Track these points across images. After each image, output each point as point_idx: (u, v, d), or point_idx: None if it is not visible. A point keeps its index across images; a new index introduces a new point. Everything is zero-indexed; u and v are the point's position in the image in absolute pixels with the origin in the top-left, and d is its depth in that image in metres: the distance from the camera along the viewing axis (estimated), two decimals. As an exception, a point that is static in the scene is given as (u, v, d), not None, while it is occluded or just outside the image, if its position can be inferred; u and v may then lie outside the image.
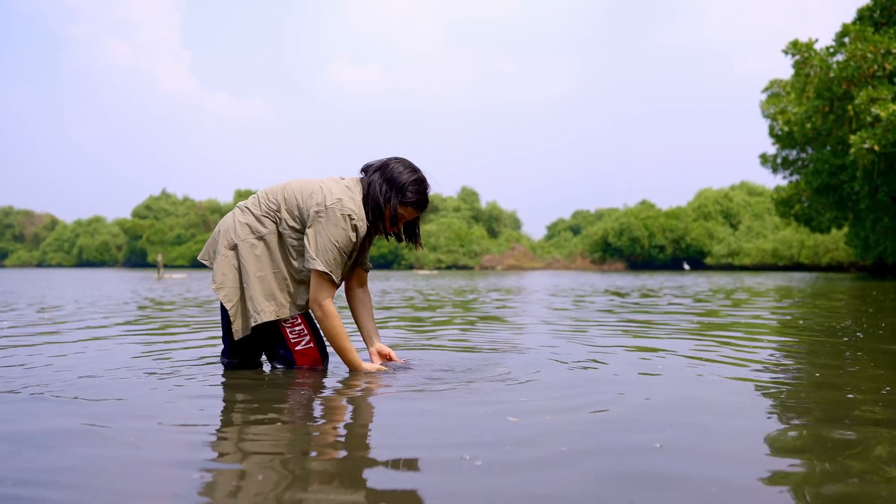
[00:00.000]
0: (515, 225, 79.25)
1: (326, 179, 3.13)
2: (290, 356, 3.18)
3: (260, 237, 3.11)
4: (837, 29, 23.60)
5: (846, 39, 23.04)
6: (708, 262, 56.89)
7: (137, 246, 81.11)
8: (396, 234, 3.22)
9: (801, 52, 24.66)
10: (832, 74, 22.08)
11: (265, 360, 3.43)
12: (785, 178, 30.91)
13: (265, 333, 3.18)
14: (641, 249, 60.43)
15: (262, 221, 3.13)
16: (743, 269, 50.65)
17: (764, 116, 29.91)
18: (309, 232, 3.01)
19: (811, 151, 28.55)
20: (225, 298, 3.09)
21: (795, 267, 46.74)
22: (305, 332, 3.18)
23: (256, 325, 3.09)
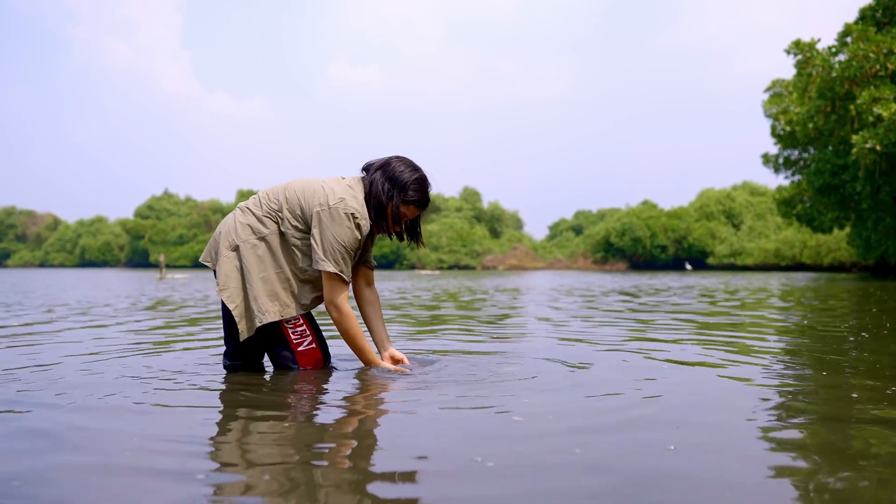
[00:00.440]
0: (517, 225, 79.28)
1: (328, 179, 3.13)
2: (292, 357, 3.17)
3: (262, 237, 3.10)
4: (837, 29, 23.68)
5: (848, 39, 23.02)
6: (710, 262, 56.88)
7: (140, 246, 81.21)
8: (398, 232, 3.22)
9: (803, 51, 24.63)
10: (834, 74, 22.05)
11: (268, 361, 3.42)
12: (787, 178, 30.90)
13: (268, 335, 3.17)
14: (643, 249, 60.41)
15: (263, 222, 3.12)
16: (745, 269, 50.62)
17: (766, 116, 29.92)
18: (314, 233, 3.00)
19: (813, 151, 28.53)
20: (229, 300, 3.09)
21: (797, 267, 46.70)
22: (307, 332, 3.17)
23: (261, 325, 3.08)
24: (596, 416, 2.36)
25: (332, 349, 3.51)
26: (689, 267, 53.32)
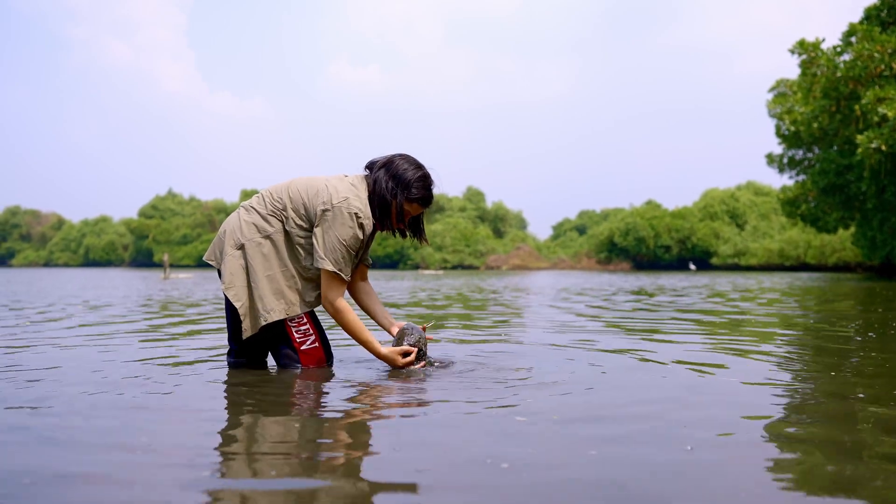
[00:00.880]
0: (521, 225, 79.25)
1: (331, 177, 3.13)
2: (295, 356, 3.18)
3: (266, 236, 3.11)
4: (837, 29, 23.71)
5: (853, 39, 22.97)
6: (714, 262, 56.78)
7: (144, 245, 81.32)
8: (402, 230, 3.22)
9: (807, 51, 24.56)
10: (839, 74, 22.01)
11: (271, 359, 3.43)
12: (791, 177, 30.80)
13: (271, 333, 3.18)
14: (647, 249, 60.34)
15: (268, 220, 3.12)
16: (749, 269, 50.52)
17: (770, 116, 29.82)
18: (317, 231, 3.01)
19: (818, 151, 28.45)
20: (234, 298, 3.09)
21: (802, 267, 46.59)
22: (311, 331, 3.18)
23: (265, 324, 3.09)
24: (604, 416, 2.36)
25: (334, 349, 3.51)
26: (692, 267, 53.24)
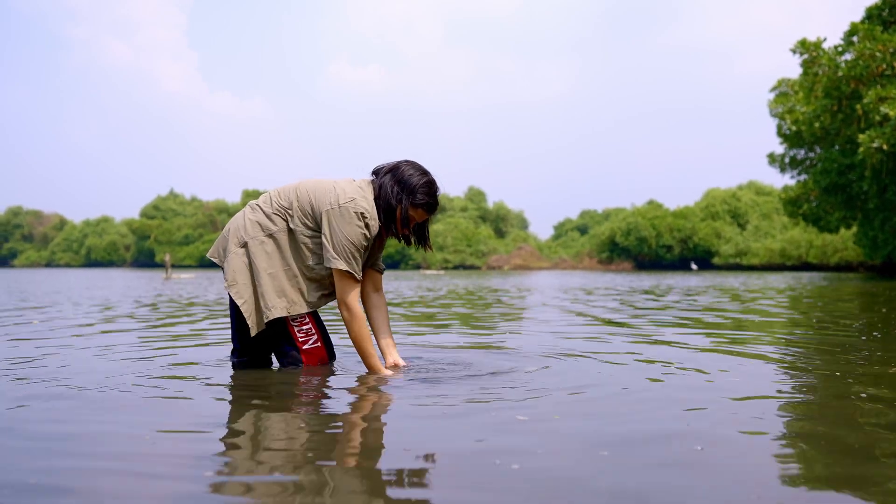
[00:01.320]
0: (522, 225, 79.20)
1: (339, 180, 3.15)
2: (298, 355, 3.19)
3: (270, 234, 3.12)
4: (837, 28, 23.68)
5: (855, 38, 22.96)
6: (716, 262, 56.72)
7: (145, 246, 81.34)
8: (406, 236, 3.23)
9: (809, 51, 24.56)
10: (840, 73, 22.00)
11: (274, 359, 3.43)
12: (793, 177, 30.78)
13: (274, 332, 3.19)
14: (649, 249, 60.30)
15: (272, 219, 3.13)
16: (751, 269, 50.45)
17: (772, 116, 29.79)
18: (325, 231, 3.02)
19: (819, 151, 28.43)
20: (237, 295, 3.10)
21: (804, 267, 46.53)
22: (313, 331, 3.19)
23: (268, 321, 3.10)
24: (606, 415, 2.36)
25: (336, 349, 3.52)
26: (694, 267, 53.18)
